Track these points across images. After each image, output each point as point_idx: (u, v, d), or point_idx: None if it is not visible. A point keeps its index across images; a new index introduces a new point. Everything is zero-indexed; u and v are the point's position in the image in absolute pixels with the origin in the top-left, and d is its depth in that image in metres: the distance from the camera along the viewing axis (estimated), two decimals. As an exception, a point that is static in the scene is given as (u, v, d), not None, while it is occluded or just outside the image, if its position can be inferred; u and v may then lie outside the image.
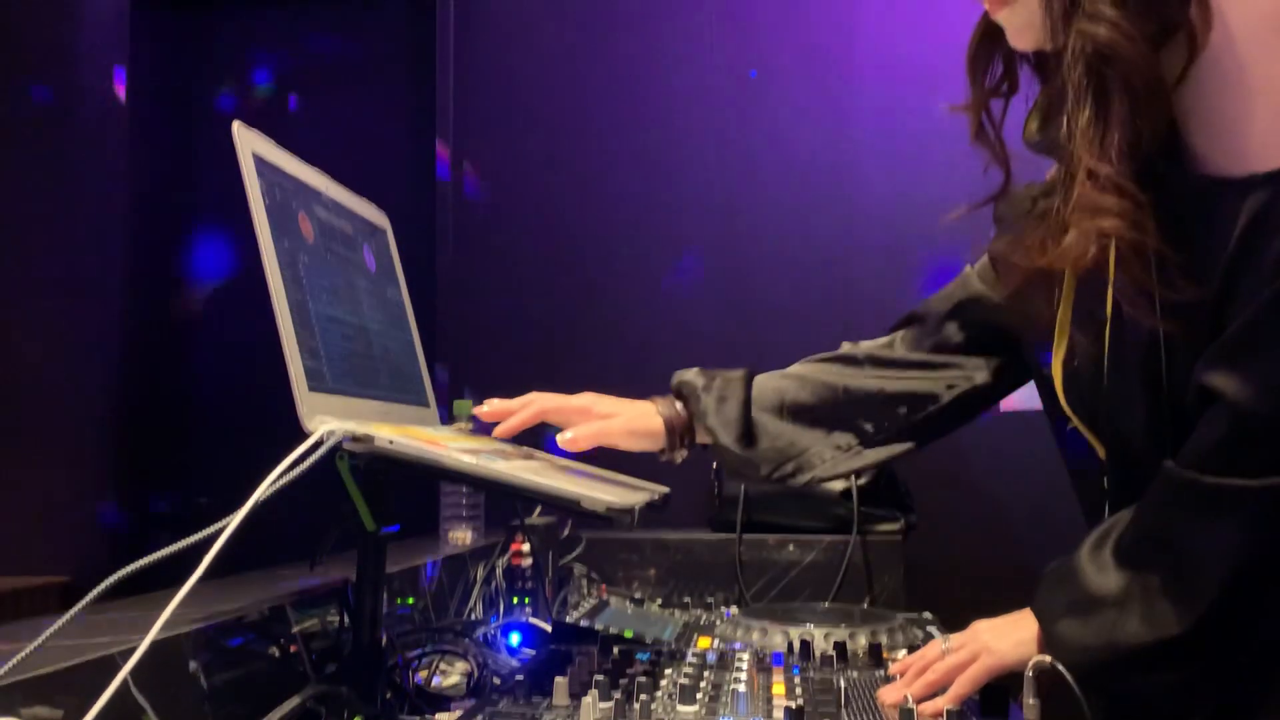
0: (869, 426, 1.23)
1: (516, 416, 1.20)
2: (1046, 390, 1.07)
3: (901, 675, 1.02)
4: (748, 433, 1.22)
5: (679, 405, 1.24)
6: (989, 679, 0.94)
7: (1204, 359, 0.83)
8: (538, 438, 1.24)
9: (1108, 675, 0.86)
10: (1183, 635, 0.82)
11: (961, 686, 0.94)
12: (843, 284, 2.34)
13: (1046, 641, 0.91)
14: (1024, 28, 0.94)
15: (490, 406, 1.22)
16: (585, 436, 1.18)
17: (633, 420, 1.22)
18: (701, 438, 1.24)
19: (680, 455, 1.24)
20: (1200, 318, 0.84)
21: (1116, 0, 0.83)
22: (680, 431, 1.23)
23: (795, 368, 1.28)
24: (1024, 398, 2.26)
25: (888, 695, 0.98)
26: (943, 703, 0.93)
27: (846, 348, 1.29)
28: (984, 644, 0.96)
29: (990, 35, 1.04)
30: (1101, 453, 1.00)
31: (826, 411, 1.24)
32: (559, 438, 1.18)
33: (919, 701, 0.94)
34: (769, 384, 1.26)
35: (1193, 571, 0.83)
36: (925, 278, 2.29)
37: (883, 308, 2.47)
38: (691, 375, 1.25)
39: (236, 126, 1.01)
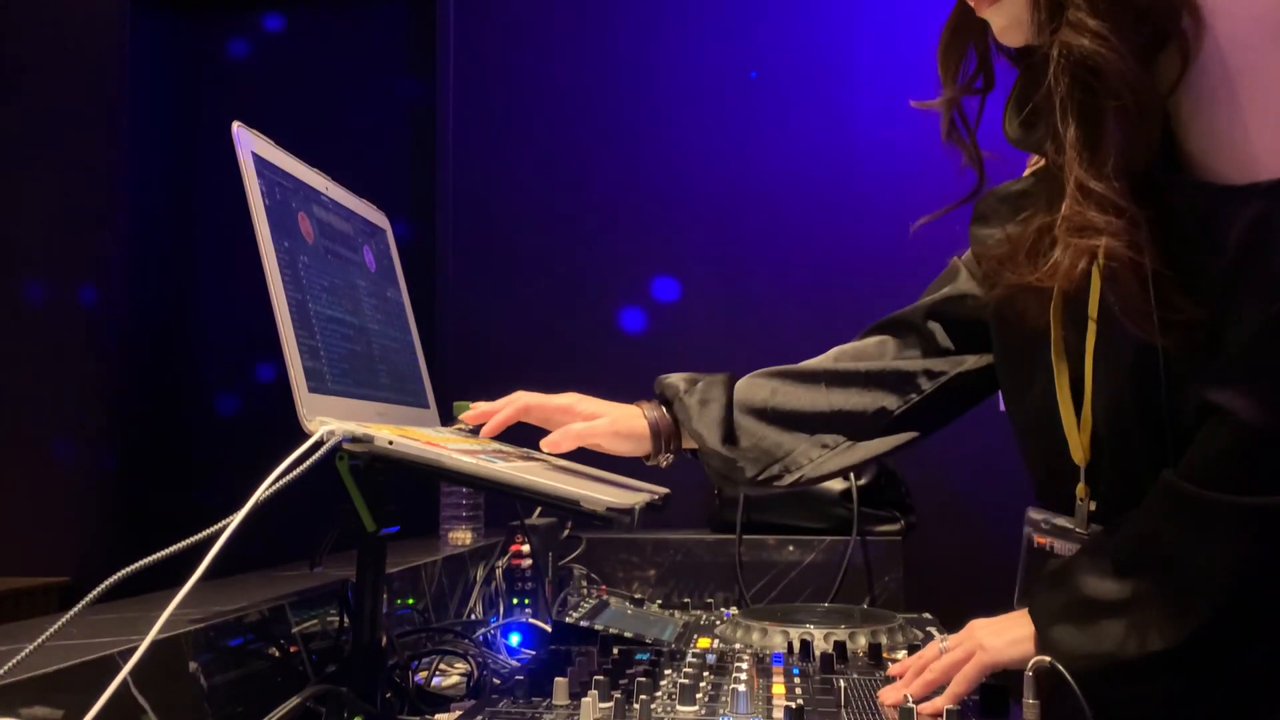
0: (854, 424, 1.21)
1: (499, 415, 1.18)
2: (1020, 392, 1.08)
3: (901, 677, 1.02)
4: (731, 435, 1.20)
5: (664, 409, 1.22)
6: (985, 676, 0.94)
7: (1206, 375, 0.82)
8: (534, 439, 1.24)
9: (1098, 683, 0.86)
10: (1172, 650, 0.82)
11: (958, 685, 0.94)
12: (842, 283, 2.34)
13: (1041, 644, 0.91)
14: (1011, 25, 0.91)
15: (474, 409, 1.21)
16: (570, 438, 1.16)
17: (618, 422, 1.20)
18: (687, 442, 1.22)
19: (665, 460, 1.22)
20: (1198, 332, 0.83)
21: (1102, 10, 0.81)
22: (666, 435, 1.21)
23: (773, 371, 1.25)
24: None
25: (888, 696, 0.98)
26: (941, 702, 0.93)
27: (828, 355, 1.27)
28: (979, 642, 0.95)
29: (963, 29, 1.02)
30: (1080, 457, 0.98)
31: (809, 412, 1.21)
32: (542, 441, 1.16)
33: (918, 701, 0.94)
34: (750, 387, 1.23)
35: (1187, 586, 0.82)
36: (926, 277, 2.28)
37: (883, 307, 2.47)
38: (674, 379, 1.23)
39: (236, 126, 1.01)
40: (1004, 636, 0.94)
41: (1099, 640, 0.86)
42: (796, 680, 1.05)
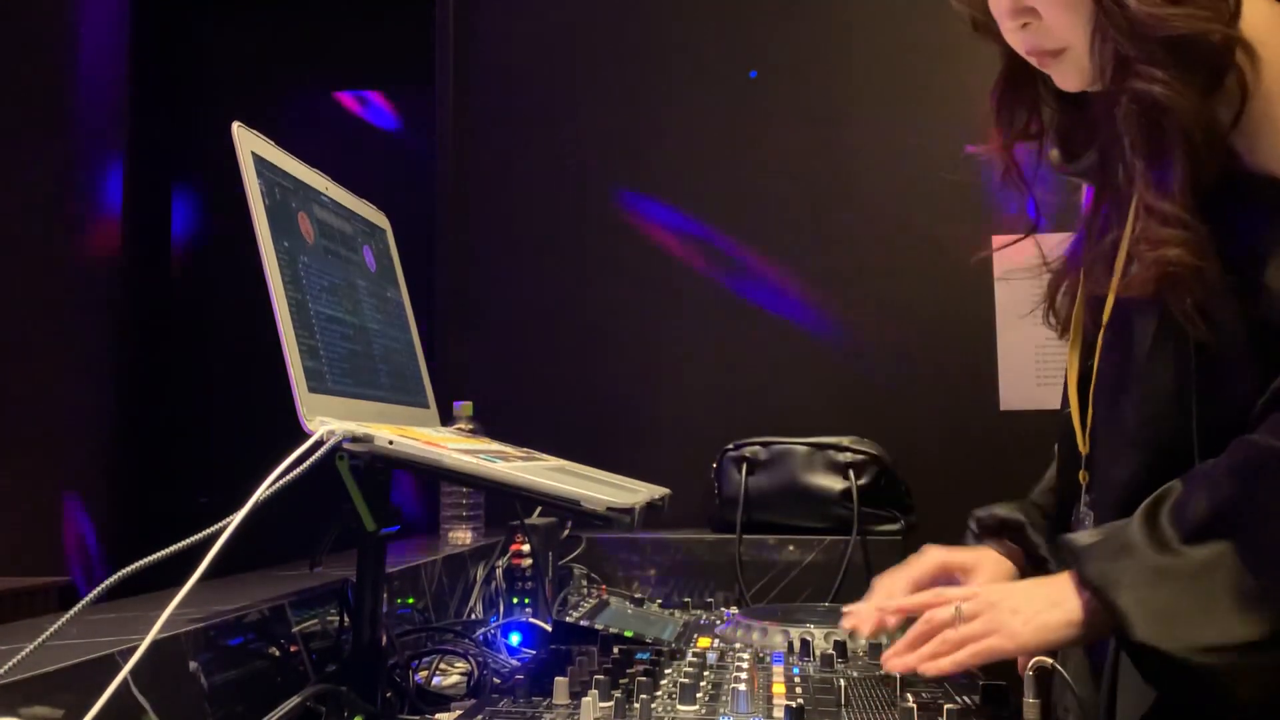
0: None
1: (912, 600, 1.08)
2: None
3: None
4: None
5: (1009, 543, 1.20)
6: (997, 660, 0.91)
7: None
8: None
9: (1204, 649, 0.81)
10: None
11: (966, 656, 0.91)
12: (841, 284, 2.34)
13: (1118, 616, 0.84)
14: (1073, 74, 0.99)
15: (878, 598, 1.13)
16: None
17: (995, 576, 1.16)
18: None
19: None
20: (1243, 327, 0.88)
21: (1164, 61, 0.88)
22: (1020, 565, 1.19)
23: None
24: (1024, 397, 2.26)
25: (893, 662, 0.96)
26: (946, 665, 0.91)
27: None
28: (1002, 624, 0.91)
29: (1015, 81, 1.08)
30: (1082, 446, 1.03)
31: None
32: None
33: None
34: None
35: None
36: (925, 278, 2.29)
37: (882, 308, 2.46)
38: (1006, 512, 1.22)
39: (236, 127, 1.01)
40: (1031, 621, 0.90)
41: (1202, 605, 0.82)
42: (796, 679, 1.06)
